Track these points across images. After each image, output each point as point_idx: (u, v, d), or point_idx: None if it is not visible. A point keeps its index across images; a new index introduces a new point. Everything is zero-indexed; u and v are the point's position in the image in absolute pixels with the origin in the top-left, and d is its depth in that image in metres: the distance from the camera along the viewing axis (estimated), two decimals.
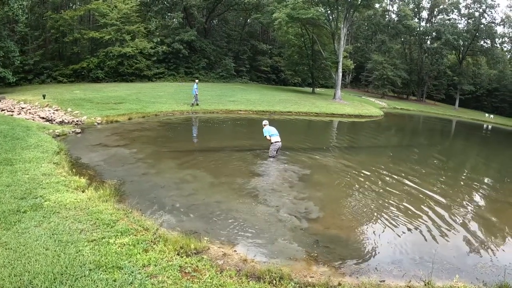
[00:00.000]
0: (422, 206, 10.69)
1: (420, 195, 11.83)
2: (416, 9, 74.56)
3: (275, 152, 14.21)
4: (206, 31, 58.19)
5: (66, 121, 18.16)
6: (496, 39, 70.54)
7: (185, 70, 52.38)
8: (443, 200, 11.63)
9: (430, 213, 10.24)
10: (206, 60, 54.49)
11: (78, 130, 16.41)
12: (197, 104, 27.26)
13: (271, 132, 14.27)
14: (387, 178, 13.39)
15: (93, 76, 43.30)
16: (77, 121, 18.33)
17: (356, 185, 12.05)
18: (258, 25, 65.12)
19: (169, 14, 54.18)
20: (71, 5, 47.47)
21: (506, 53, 78.27)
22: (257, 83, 60.46)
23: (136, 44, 44.62)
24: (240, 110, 28.71)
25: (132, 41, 44.66)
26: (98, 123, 18.68)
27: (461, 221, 9.90)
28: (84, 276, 4.98)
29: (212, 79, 53.56)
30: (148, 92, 32.17)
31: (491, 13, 67.27)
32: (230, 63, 56.14)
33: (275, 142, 14.18)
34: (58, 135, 14.90)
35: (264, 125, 14.62)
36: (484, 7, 66.46)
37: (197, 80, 29.97)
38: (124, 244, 5.94)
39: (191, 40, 51.33)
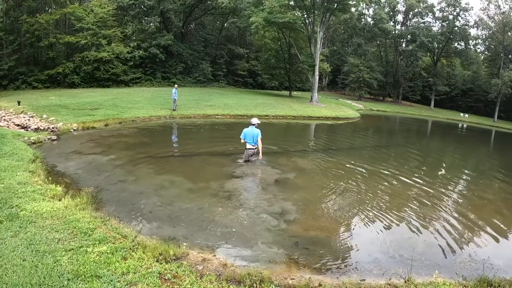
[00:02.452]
0: (400, 205, 10.91)
1: (398, 194, 12.06)
2: (391, 13, 75.91)
3: (248, 158, 13.88)
4: (183, 35, 58.05)
5: (42, 128, 17.83)
6: (470, 41, 72.75)
7: (162, 75, 52.08)
8: (421, 198, 11.88)
9: (409, 211, 10.46)
10: (183, 65, 54.30)
11: (54, 137, 16.14)
12: (174, 110, 27.06)
13: (246, 137, 13.63)
14: (365, 179, 13.57)
15: (68, 82, 42.66)
16: (52, 128, 18.02)
17: (335, 186, 12.16)
18: (235, 29, 65.30)
19: (146, 18, 53.75)
20: (47, 8, 46.52)
21: (480, 54, 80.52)
22: (235, 87, 60.55)
23: (112, 49, 44.23)
24: (218, 115, 28.69)
25: (109, 45, 44.23)
26: (74, 130, 18.42)
27: (439, 218, 10.12)
28: (63, 286, 4.92)
29: (189, 83, 53.38)
30: (124, 97, 31.89)
31: (465, 16, 69.47)
32: (207, 67, 56.06)
33: (246, 149, 13.77)
34: (34, 143, 14.63)
35: (251, 123, 13.82)
36: (458, 10, 68.40)
37: (176, 85, 29.75)
38: (102, 253, 5.88)
39: (168, 44, 51.11)
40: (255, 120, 13.93)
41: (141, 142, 17.53)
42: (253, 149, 13.70)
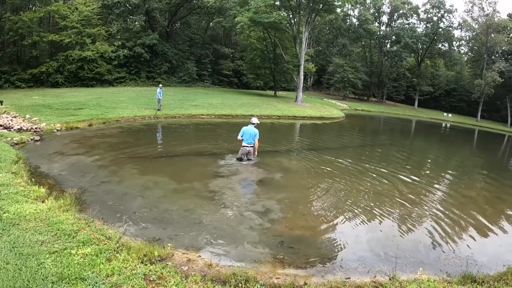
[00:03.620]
0: (385, 203, 11.07)
1: (382, 192, 12.21)
2: (376, 14, 76.83)
3: (243, 157, 13.98)
4: (168, 34, 57.69)
5: (25, 128, 17.56)
6: (454, 42, 74.19)
7: (146, 75, 51.67)
8: (405, 196, 12.07)
9: (393, 209, 10.64)
10: (168, 64, 53.97)
11: (37, 138, 15.92)
12: (158, 110, 26.97)
13: (244, 135, 13.75)
14: (350, 177, 13.71)
15: (52, 81, 42.06)
16: (36, 128, 17.77)
17: (320, 185, 12.26)
18: (221, 28, 65.21)
19: (131, 17, 53.28)
20: (30, 6, 45.66)
21: (463, 55, 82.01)
22: (219, 87, 60.43)
23: (96, 48, 43.73)
24: (202, 115, 28.62)
25: (93, 44, 43.73)
26: (58, 130, 18.20)
27: (423, 216, 10.32)
28: None
29: (174, 83, 53.09)
30: (109, 97, 31.58)
31: (449, 17, 71.10)
32: (192, 67, 55.81)
33: (243, 146, 13.89)
34: (16, 143, 14.43)
35: (250, 122, 14.04)
36: (442, 12, 69.68)
37: (160, 85, 29.74)
38: (87, 255, 5.84)
39: (153, 43, 50.76)
40: (255, 120, 14.22)
41: (126, 142, 17.41)
42: (248, 147, 13.86)
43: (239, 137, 13.90)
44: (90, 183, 10.60)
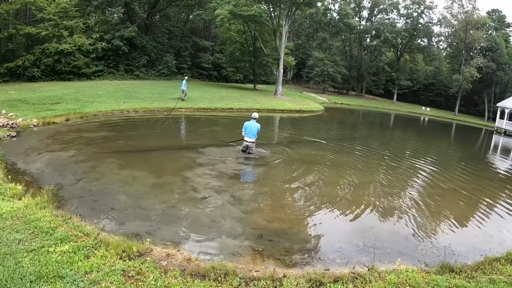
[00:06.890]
0: (363, 194, 11.33)
1: (360, 184, 12.45)
2: (357, 8, 77.42)
3: (245, 149, 14.73)
4: (147, 27, 56.91)
5: (0, 124, 17.19)
6: (433, 38, 75.49)
7: (125, 68, 50.77)
8: (384, 188, 12.39)
9: (371, 200, 10.86)
10: (146, 57, 53.14)
11: (13, 134, 15.58)
12: (182, 100, 29.73)
13: (246, 130, 14.66)
14: (328, 170, 13.90)
15: (28, 75, 40.93)
16: (12, 124, 17.37)
17: (298, 178, 12.45)
18: (200, 21, 64.51)
19: (109, 9, 52.20)
20: None
21: (442, 50, 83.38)
22: (199, 80, 59.89)
23: (74, 41, 42.75)
24: (181, 108, 28.42)
25: (70, 37, 42.82)
26: (34, 126, 17.84)
27: (401, 207, 10.60)
28: None
29: (152, 76, 52.30)
30: (86, 91, 31.03)
31: (429, 13, 72.25)
32: (171, 60, 55.07)
33: (244, 140, 14.68)
34: None
35: (252, 117, 14.93)
36: (422, 8, 70.83)
37: (186, 77, 32.60)
38: (65, 252, 5.80)
39: (131, 36, 49.94)
40: (255, 114, 15.13)
41: (103, 137, 17.14)
42: (249, 141, 14.62)
43: (242, 133, 14.78)
44: (67, 179, 10.46)
